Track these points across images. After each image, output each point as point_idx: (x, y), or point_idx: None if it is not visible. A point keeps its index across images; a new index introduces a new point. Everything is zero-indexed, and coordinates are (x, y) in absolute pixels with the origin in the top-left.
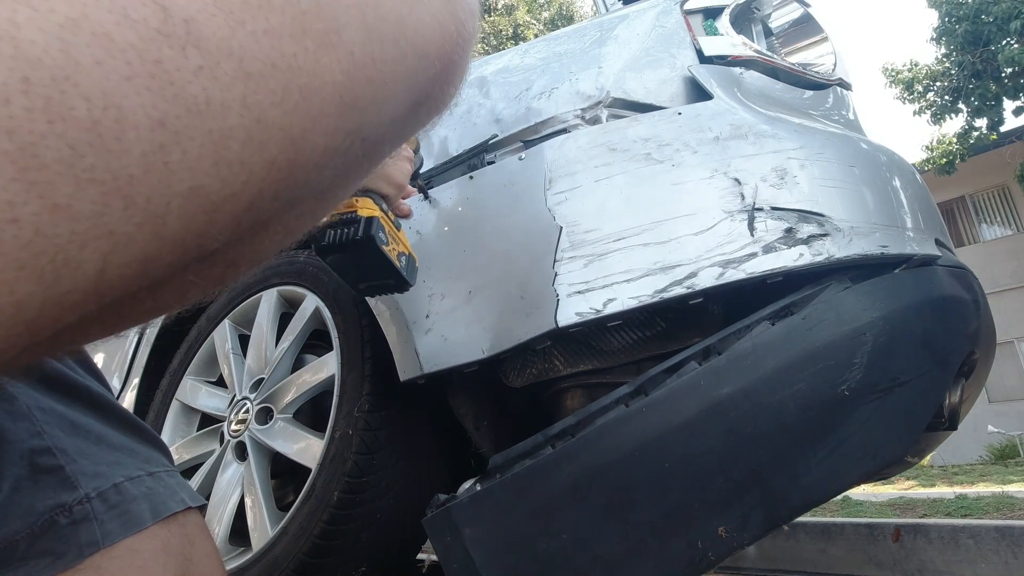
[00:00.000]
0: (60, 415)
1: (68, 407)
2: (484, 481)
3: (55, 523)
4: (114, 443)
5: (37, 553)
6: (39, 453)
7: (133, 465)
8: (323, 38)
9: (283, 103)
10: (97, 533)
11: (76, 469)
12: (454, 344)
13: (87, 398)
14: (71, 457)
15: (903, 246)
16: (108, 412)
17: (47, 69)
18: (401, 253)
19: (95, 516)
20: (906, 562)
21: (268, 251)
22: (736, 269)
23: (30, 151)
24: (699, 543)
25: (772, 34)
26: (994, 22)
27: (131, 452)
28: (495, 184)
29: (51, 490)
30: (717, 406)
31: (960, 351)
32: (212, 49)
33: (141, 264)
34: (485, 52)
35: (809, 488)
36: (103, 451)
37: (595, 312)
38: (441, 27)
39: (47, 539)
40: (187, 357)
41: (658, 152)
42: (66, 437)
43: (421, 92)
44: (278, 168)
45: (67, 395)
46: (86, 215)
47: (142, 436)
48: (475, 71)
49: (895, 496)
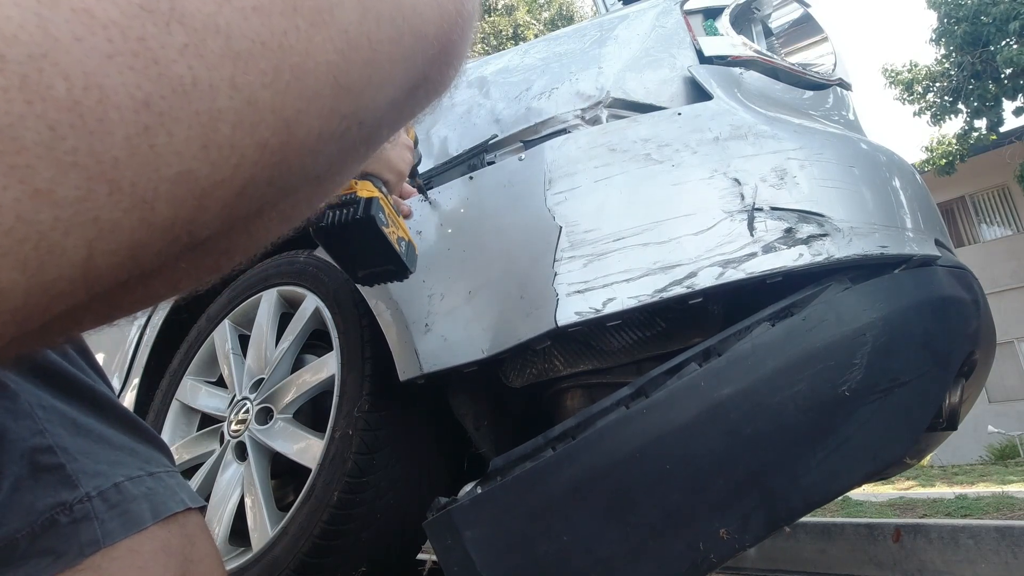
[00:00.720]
0: (62, 413)
1: (70, 406)
2: (485, 484)
3: (56, 522)
4: (115, 443)
5: (38, 552)
6: (40, 452)
7: (134, 465)
8: (315, 16)
9: (274, 83)
10: (98, 532)
11: (77, 468)
12: (454, 344)
13: (90, 397)
14: (72, 456)
15: (903, 246)
16: (110, 411)
17: (23, 46)
18: (400, 238)
19: (96, 515)
20: (906, 562)
21: (263, 240)
22: (736, 269)
23: (7, 133)
24: (700, 545)
25: (772, 34)
26: (993, 23)
27: (132, 452)
28: (495, 184)
29: (52, 489)
30: (717, 407)
31: (960, 351)
32: (198, 26)
33: (129, 252)
34: (485, 52)
35: (810, 489)
36: (104, 450)
37: (595, 312)
38: (440, 6)
39: (48, 538)
40: (187, 357)
41: (658, 152)
42: (68, 436)
43: (419, 74)
44: (271, 152)
45: (70, 394)
46: (69, 200)
47: (143, 436)
48: (475, 71)
49: (895, 496)
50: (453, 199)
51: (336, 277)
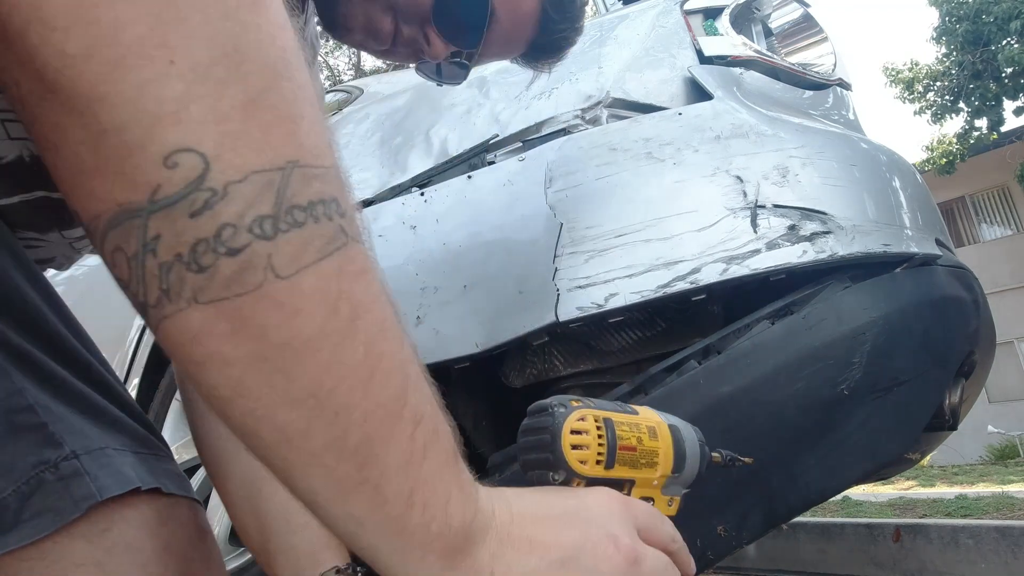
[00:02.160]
0: (48, 377)
1: (66, 371)
2: (482, 480)
3: (43, 480)
4: (108, 416)
5: (32, 513)
6: (18, 411)
7: (120, 441)
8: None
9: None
10: (92, 487)
11: (61, 428)
12: (446, 338)
13: (86, 371)
14: (56, 416)
15: (904, 245)
16: (107, 390)
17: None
18: None
19: (85, 471)
20: (906, 562)
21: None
22: (740, 265)
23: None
24: (698, 542)
25: (772, 34)
26: (994, 22)
27: (123, 428)
28: (494, 182)
29: (33, 447)
30: (716, 405)
31: (960, 351)
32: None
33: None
34: None
35: (808, 487)
36: (92, 422)
37: (596, 307)
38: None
39: (39, 498)
40: None
41: (659, 151)
42: (51, 399)
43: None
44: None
45: (67, 364)
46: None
47: (141, 422)
48: (475, 71)
49: (895, 496)
50: (451, 196)
51: None
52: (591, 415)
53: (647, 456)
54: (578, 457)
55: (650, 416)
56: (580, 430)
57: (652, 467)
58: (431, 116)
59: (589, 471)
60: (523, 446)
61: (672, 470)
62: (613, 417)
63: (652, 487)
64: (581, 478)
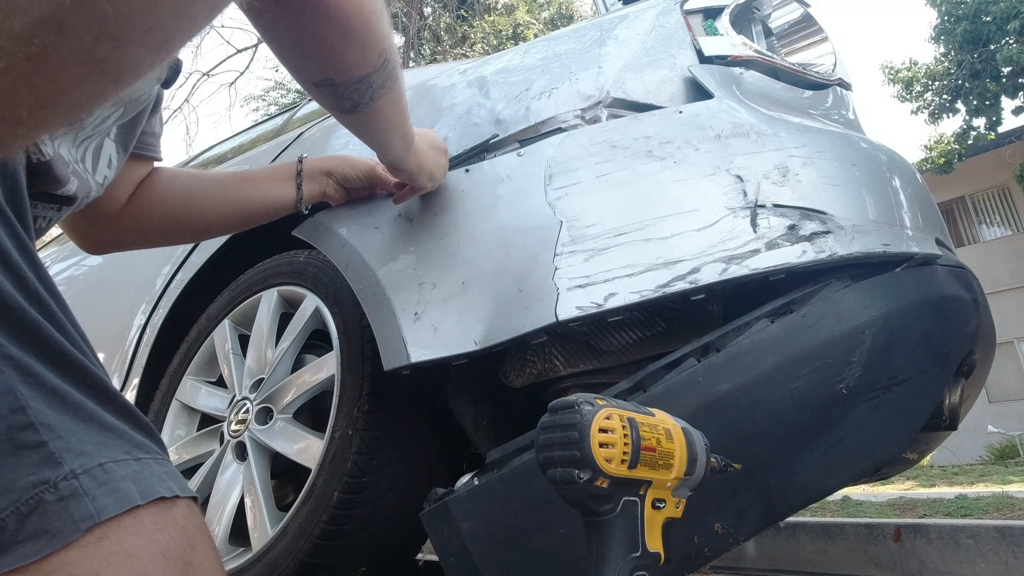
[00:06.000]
0: (51, 390)
1: (62, 381)
2: (482, 475)
3: (42, 500)
4: (105, 423)
5: (30, 534)
6: (20, 429)
7: (120, 448)
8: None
9: None
10: (90, 507)
11: (61, 446)
12: (444, 334)
13: (83, 376)
14: (56, 434)
15: (904, 245)
16: (103, 393)
17: None
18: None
19: (84, 491)
20: (906, 562)
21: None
22: (740, 265)
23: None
24: (695, 539)
25: (772, 34)
26: (993, 21)
27: (121, 435)
28: (493, 178)
29: (34, 467)
30: (715, 403)
31: (959, 351)
32: None
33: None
34: (485, 52)
35: (805, 485)
36: (92, 430)
37: (596, 306)
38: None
39: (37, 518)
40: (187, 357)
41: (659, 149)
42: (53, 413)
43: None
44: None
45: (63, 370)
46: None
47: (135, 423)
48: (475, 71)
49: (895, 496)
50: (448, 191)
51: (336, 277)
52: (617, 414)
53: (664, 458)
54: (605, 455)
55: (666, 419)
56: (608, 428)
57: (668, 469)
58: (431, 116)
59: (614, 470)
60: (545, 443)
61: (684, 472)
62: (636, 417)
63: (665, 488)
64: (606, 477)
